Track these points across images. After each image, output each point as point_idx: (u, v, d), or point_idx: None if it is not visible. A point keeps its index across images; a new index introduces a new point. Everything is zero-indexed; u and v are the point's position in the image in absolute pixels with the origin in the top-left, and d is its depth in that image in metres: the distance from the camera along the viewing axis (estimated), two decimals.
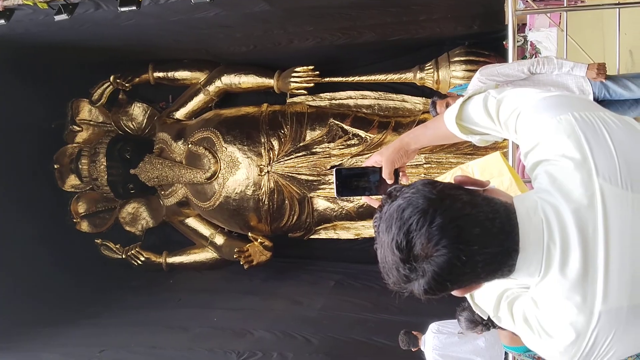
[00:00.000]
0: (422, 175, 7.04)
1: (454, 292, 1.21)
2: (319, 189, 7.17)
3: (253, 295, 7.19)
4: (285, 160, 7.09)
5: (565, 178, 1.14)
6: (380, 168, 1.62)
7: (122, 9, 4.89)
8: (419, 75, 7.07)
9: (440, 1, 5.73)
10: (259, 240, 7.26)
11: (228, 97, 7.70)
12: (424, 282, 1.11)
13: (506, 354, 4.30)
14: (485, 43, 6.90)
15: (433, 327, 4.80)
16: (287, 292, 7.15)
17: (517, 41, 5.22)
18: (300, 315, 6.56)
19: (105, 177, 7.79)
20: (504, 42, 5.43)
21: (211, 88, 7.55)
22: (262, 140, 7.10)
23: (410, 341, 4.82)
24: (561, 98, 1.27)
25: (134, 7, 4.88)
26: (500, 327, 2.97)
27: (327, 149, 7.09)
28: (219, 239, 7.71)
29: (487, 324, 2.93)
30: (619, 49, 5.06)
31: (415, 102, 7.35)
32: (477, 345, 4.62)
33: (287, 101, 7.44)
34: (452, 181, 1.23)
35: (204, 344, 6.14)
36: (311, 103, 7.42)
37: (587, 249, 1.10)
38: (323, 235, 7.57)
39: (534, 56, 6.04)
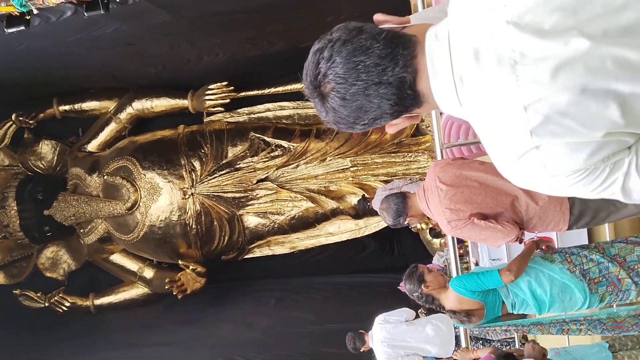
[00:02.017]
0: (350, 179, 6.98)
1: (387, 127, 1.23)
2: (248, 205, 6.94)
3: (191, 325, 6.85)
4: (209, 179, 6.83)
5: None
6: None
7: (9, 31, 4.54)
8: None
9: (345, 3, 5.72)
10: (191, 267, 6.93)
11: (142, 123, 7.39)
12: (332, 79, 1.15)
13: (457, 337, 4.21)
14: None
15: (379, 318, 4.66)
16: (227, 317, 6.86)
17: None
18: (244, 338, 6.32)
19: (18, 222, 7.25)
20: None
21: (122, 116, 7.23)
22: (183, 162, 6.83)
23: (357, 340, 4.63)
24: None
25: (22, 27, 4.55)
26: (439, 308, 2.85)
27: (252, 163, 6.90)
28: (148, 272, 7.31)
29: (425, 302, 2.81)
30: None
31: None
32: (426, 333, 4.51)
33: (205, 120, 7.21)
34: None
35: None
36: (229, 119, 7.23)
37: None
38: (258, 253, 7.32)
39: None
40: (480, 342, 4.97)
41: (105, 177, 6.86)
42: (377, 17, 1.29)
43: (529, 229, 2.69)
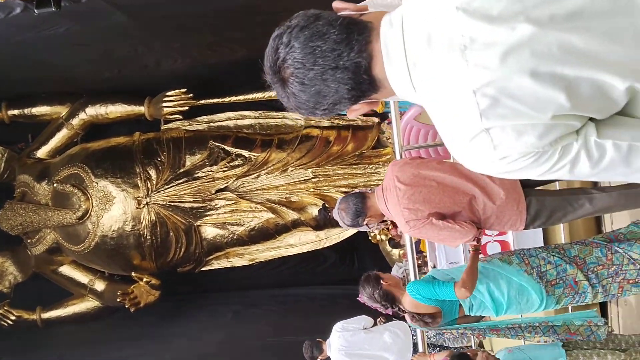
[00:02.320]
0: (312, 190, 6.87)
1: (348, 113, 1.27)
2: (206, 215, 6.75)
3: (144, 340, 6.61)
4: (166, 189, 6.62)
5: None
6: None
7: None
8: None
9: (306, 4, 5.63)
10: (145, 279, 6.68)
11: (95, 130, 7.14)
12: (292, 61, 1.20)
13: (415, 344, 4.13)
14: None
15: (337, 326, 4.56)
16: (182, 331, 6.64)
17: None
18: (199, 353, 6.13)
19: None
20: None
21: (75, 121, 6.97)
22: (138, 170, 6.60)
23: (315, 348, 4.51)
24: None
25: None
26: (399, 311, 2.77)
27: (210, 173, 6.72)
28: (100, 285, 7.02)
29: (386, 305, 2.73)
30: None
31: (296, 119, 7.20)
32: (384, 341, 4.43)
33: (162, 128, 7.00)
34: None
35: None
36: (188, 128, 7.04)
37: None
38: (216, 265, 7.11)
39: None
40: (437, 348, 4.96)
41: (55, 185, 6.59)
42: (336, 4, 1.32)
43: (486, 229, 2.67)
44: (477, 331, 3.00)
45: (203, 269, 7.04)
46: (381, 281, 2.85)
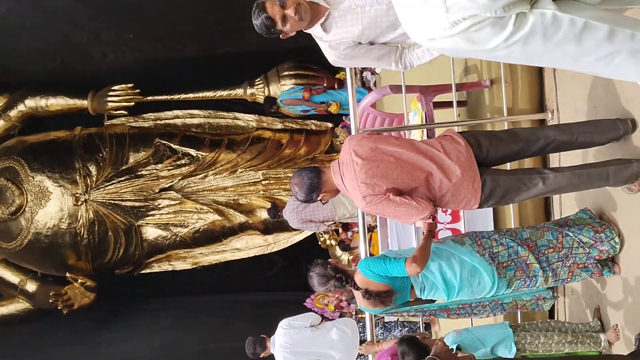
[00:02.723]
0: (261, 192, 6.70)
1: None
2: (148, 215, 6.49)
3: (78, 344, 6.25)
4: (106, 186, 6.33)
5: None
6: None
7: None
8: (249, 91, 6.85)
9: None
10: (80, 280, 6.34)
11: (34, 122, 6.79)
12: None
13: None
14: (313, 55, 6.89)
15: (283, 323, 4.36)
16: (119, 335, 6.34)
17: None
18: (134, 357, 5.75)
19: None
20: None
21: (13, 113, 6.63)
22: (77, 165, 6.30)
23: (258, 345, 4.29)
24: None
25: None
26: (353, 287, 2.64)
27: (155, 171, 6.48)
28: (31, 286, 6.62)
29: (340, 278, 2.58)
30: None
31: (247, 120, 7.05)
32: (330, 338, 4.27)
33: (105, 123, 6.72)
34: None
35: None
36: (133, 124, 6.79)
37: None
38: (156, 268, 6.83)
39: None
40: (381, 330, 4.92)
41: None
42: None
43: (441, 206, 2.58)
44: (428, 311, 2.91)
45: (143, 271, 6.74)
46: (330, 261, 2.73)
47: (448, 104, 3.86)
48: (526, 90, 3.49)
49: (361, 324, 4.65)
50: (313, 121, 6.92)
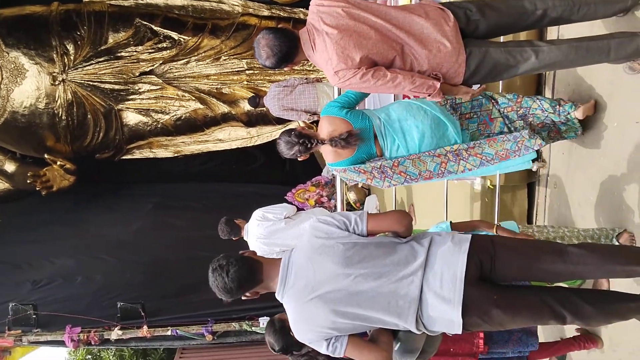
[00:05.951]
0: (245, 83, 6.49)
1: None
2: (128, 99, 6.31)
3: (57, 225, 6.29)
4: (84, 66, 6.10)
5: None
6: None
7: None
8: None
9: None
10: (59, 162, 6.24)
11: None
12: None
13: None
14: None
15: (257, 214, 4.35)
16: (97, 219, 6.32)
17: None
18: (114, 240, 5.89)
19: None
20: None
21: None
22: (54, 43, 6.03)
23: (231, 230, 4.30)
24: None
25: None
26: (319, 144, 2.56)
27: (135, 53, 6.23)
28: (10, 166, 6.53)
29: (304, 142, 2.49)
30: None
31: (233, 4, 6.69)
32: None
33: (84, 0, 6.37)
34: None
35: None
36: (113, 2, 6.43)
37: None
38: (138, 155, 6.74)
39: None
40: None
41: None
42: None
43: None
44: (395, 159, 2.77)
45: (124, 157, 6.65)
46: (296, 129, 2.62)
47: None
48: None
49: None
50: (302, 9, 6.58)
